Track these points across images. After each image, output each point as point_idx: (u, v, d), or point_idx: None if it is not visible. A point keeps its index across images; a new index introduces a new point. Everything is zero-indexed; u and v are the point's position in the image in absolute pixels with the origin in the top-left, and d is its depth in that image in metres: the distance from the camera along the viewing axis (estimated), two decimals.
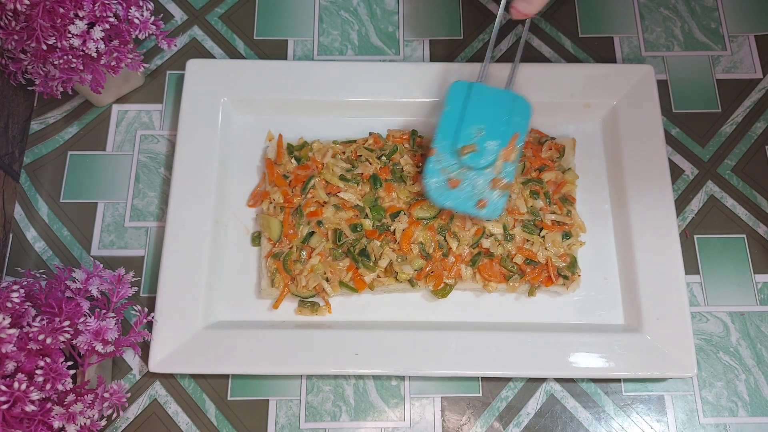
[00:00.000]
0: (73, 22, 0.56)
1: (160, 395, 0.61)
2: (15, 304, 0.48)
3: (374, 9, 0.76)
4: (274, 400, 0.61)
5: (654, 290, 0.61)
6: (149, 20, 0.61)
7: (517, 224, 0.63)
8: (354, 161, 0.65)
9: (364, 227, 0.62)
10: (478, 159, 0.59)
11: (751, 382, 0.61)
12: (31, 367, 0.47)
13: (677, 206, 0.67)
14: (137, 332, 0.55)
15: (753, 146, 0.70)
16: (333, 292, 0.61)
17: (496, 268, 0.62)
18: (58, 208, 0.67)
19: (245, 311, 0.63)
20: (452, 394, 0.61)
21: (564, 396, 0.61)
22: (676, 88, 0.72)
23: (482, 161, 0.59)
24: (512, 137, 0.60)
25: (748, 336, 0.63)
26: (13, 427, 0.46)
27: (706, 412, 0.60)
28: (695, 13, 0.75)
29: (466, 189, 0.59)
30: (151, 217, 0.67)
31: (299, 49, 0.73)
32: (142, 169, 0.68)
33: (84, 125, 0.70)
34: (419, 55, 0.73)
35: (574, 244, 0.63)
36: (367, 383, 0.61)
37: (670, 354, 0.59)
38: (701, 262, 0.65)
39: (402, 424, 0.60)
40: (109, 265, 0.64)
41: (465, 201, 0.59)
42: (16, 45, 0.57)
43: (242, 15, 0.75)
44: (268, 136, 0.68)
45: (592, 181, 0.67)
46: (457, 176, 0.59)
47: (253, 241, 0.65)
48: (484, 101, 0.60)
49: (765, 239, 0.66)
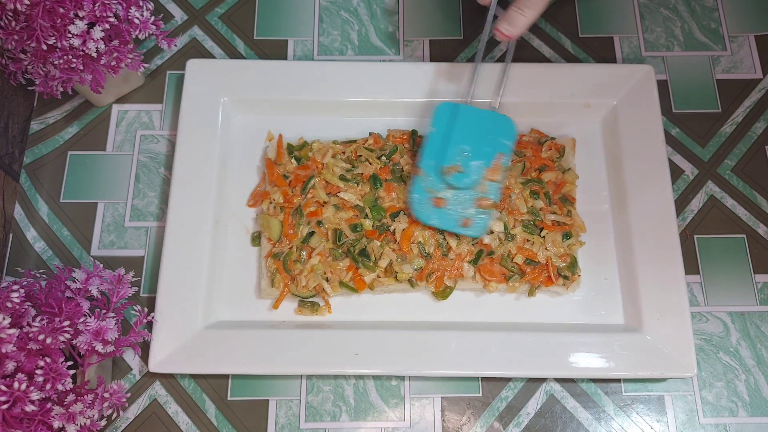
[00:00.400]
0: (73, 22, 0.56)
1: (160, 395, 0.61)
2: (15, 304, 0.48)
3: (374, 9, 0.76)
4: (274, 400, 0.61)
5: (654, 290, 0.61)
6: (149, 20, 0.61)
7: (517, 224, 0.63)
8: (354, 161, 0.65)
9: (364, 227, 0.62)
10: (462, 179, 0.61)
11: (751, 382, 0.61)
12: (31, 367, 0.47)
13: (677, 206, 0.67)
14: (137, 332, 0.55)
15: (753, 146, 0.70)
16: (333, 292, 0.61)
17: (496, 268, 0.62)
18: (58, 208, 0.67)
19: (245, 311, 0.63)
20: (452, 394, 0.61)
21: (564, 396, 0.61)
22: (676, 88, 0.72)
23: (466, 181, 0.61)
24: (496, 157, 0.61)
25: (748, 336, 0.63)
26: (13, 427, 0.46)
27: (706, 412, 0.60)
28: (695, 13, 0.75)
29: (452, 208, 0.61)
30: (151, 217, 0.67)
31: (299, 49, 0.73)
32: (142, 169, 0.68)
33: (84, 125, 0.70)
34: (419, 55, 0.73)
35: (574, 244, 0.63)
36: (367, 383, 0.61)
37: (670, 354, 0.59)
38: (701, 262, 0.65)
39: (402, 424, 0.60)
40: (109, 265, 0.64)
41: (450, 220, 0.61)
42: (16, 45, 0.57)
43: (242, 15, 0.75)
44: (268, 136, 0.68)
45: (592, 181, 0.67)
46: (443, 195, 0.61)
47: (253, 241, 0.65)
48: (469, 122, 0.62)
49: (765, 239, 0.66)
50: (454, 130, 0.61)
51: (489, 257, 0.62)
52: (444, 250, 0.62)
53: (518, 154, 0.66)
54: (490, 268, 0.62)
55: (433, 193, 0.61)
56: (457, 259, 0.62)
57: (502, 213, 0.63)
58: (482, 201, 0.60)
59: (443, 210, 0.61)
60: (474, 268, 0.62)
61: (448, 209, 0.61)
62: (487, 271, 0.61)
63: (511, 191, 0.64)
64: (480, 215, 0.61)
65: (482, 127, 0.62)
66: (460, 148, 0.61)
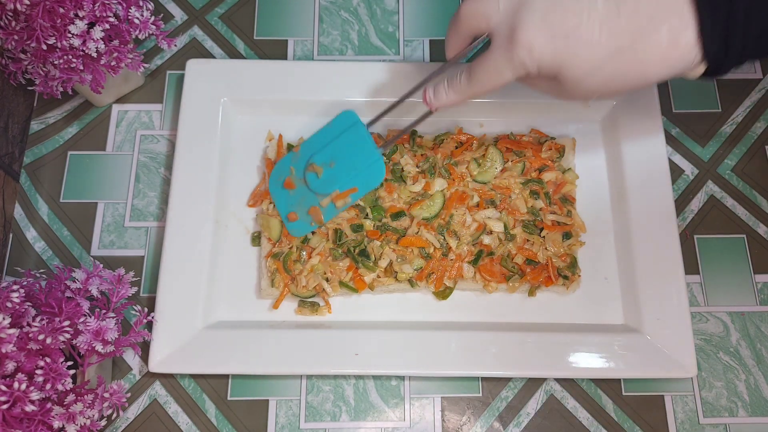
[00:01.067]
0: (73, 22, 0.56)
1: (160, 395, 0.61)
2: (15, 304, 0.48)
3: (374, 9, 0.76)
4: (274, 400, 0.61)
5: (654, 290, 0.61)
6: (149, 20, 0.61)
7: (517, 224, 0.63)
8: None
9: (365, 227, 0.62)
10: (314, 181, 0.61)
11: (751, 382, 0.62)
12: (31, 367, 0.47)
13: (677, 206, 0.67)
14: (137, 332, 0.55)
15: (753, 146, 0.70)
16: (333, 292, 0.61)
17: (496, 268, 0.62)
18: (58, 208, 0.67)
19: (245, 311, 0.63)
20: (452, 394, 0.61)
21: (564, 396, 0.61)
22: (676, 88, 0.72)
23: (315, 186, 0.61)
24: (350, 189, 0.60)
25: (748, 336, 0.63)
26: (13, 427, 0.46)
27: (706, 412, 0.60)
28: None
29: (292, 196, 0.62)
30: (151, 217, 0.67)
31: (299, 49, 0.73)
32: (142, 169, 0.68)
33: (84, 125, 0.70)
34: (419, 55, 0.73)
35: (574, 244, 0.63)
36: (367, 383, 0.61)
37: (670, 354, 0.59)
38: (701, 262, 0.65)
39: (402, 424, 0.60)
40: (109, 265, 0.64)
41: (284, 204, 0.62)
42: (16, 45, 0.57)
43: (242, 15, 0.75)
44: (268, 136, 0.68)
45: (592, 181, 0.67)
46: (294, 182, 0.62)
47: (253, 241, 0.65)
48: (352, 143, 0.61)
49: (765, 239, 0.66)
50: (338, 140, 0.61)
51: (489, 257, 0.62)
52: (444, 251, 0.62)
53: (518, 154, 0.66)
54: (490, 269, 0.62)
55: (291, 174, 0.62)
56: (457, 259, 0.62)
57: (502, 213, 0.63)
58: (314, 211, 0.61)
59: (286, 192, 0.62)
60: (474, 269, 0.62)
61: (289, 194, 0.62)
62: (487, 271, 0.61)
63: (511, 191, 0.64)
64: (305, 220, 0.61)
65: (360, 155, 0.60)
66: (331, 157, 0.61)
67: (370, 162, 0.59)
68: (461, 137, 0.66)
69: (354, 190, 0.60)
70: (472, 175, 0.64)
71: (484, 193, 0.64)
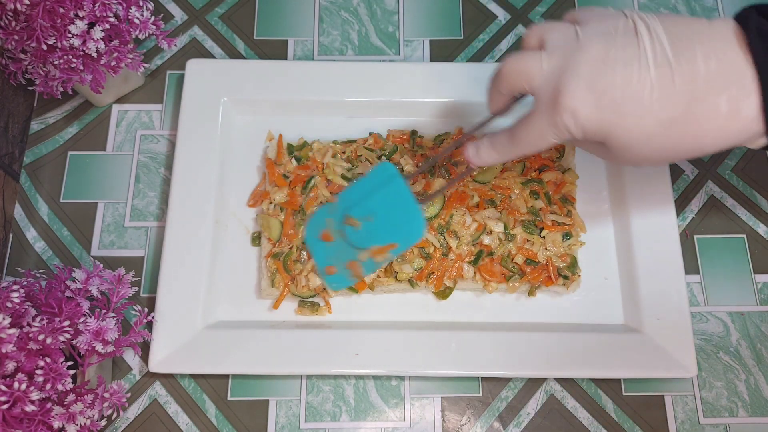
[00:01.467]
0: (73, 22, 0.56)
1: (160, 395, 0.61)
2: (15, 304, 0.48)
3: (374, 9, 0.76)
4: (274, 400, 0.61)
5: (654, 290, 0.61)
6: (149, 20, 0.61)
7: (517, 224, 0.63)
8: (354, 161, 0.65)
9: None
10: (353, 235, 0.58)
11: (751, 382, 0.62)
12: (31, 367, 0.47)
13: (677, 206, 0.67)
14: (137, 332, 0.55)
15: None
16: (333, 292, 0.61)
17: (496, 268, 0.62)
18: (58, 208, 0.67)
19: (245, 311, 0.63)
20: (452, 394, 0.61)
21: (564, 396, 0.61)
22: None
23: (354, 240, 0.58)
24: (389, 244, 0.58)
25: (748, 336, 0.63)
26: (13, 427, 0.46)
27: (706, 412, 0.60)
28: (695, 13, 0.75)
29: (330, 248, 0.59)
30: (151, 217, 0.67)
31: (299, 49, 0.73)
32: (142, 169, 0.68)
33: (84, 125, 0.70)
34: (419, 55, 0.73)
35: (574, 244, 0.63)
36: (367, 383, 0.61)
37: (670, 354, 0.59)
38: (701, 262, 0.65)
39: (402, 424, 0.60)
40: (109, 265, 0.64)
41: (322, 256, 0.59)
42: (16, 45, 0.57)
43: (242, 15, 0.75)
44: (268, 136, 0.68)
45: (592, 181, 0.67)
46: (332, 234, 0.59)
47: (253, 241, 0.65)
48: (391, 198, 0.58)
49: (765, 239, 0.66)
50: (376, 194, 0.58)
51: (489, 257, 0.62)
52: (444, 251, 0.62)
53: None
54: (490, 269, 0.62)
55: (329, 225, 0.59)
56: (457, 259, 0.62)
57: (502, 213, 0.63)
58: (353, 265, 0.58)
59: (323, 244, 0.59)
60: (474, 269, 0.62)
61: (326, 247, 0.59)
62: (487, 271, 0.61)
63: (511, 191, 0.64)
64: (343, 274, 0.58)
65: (398, 210, 0.58)
66: (369, 210, 0.58)
67: (410, 218, 0.57)
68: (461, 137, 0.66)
69: (394, 246, 0.57)
70: (472, 176, 0.64)
71: (484, 193, 0.64)
